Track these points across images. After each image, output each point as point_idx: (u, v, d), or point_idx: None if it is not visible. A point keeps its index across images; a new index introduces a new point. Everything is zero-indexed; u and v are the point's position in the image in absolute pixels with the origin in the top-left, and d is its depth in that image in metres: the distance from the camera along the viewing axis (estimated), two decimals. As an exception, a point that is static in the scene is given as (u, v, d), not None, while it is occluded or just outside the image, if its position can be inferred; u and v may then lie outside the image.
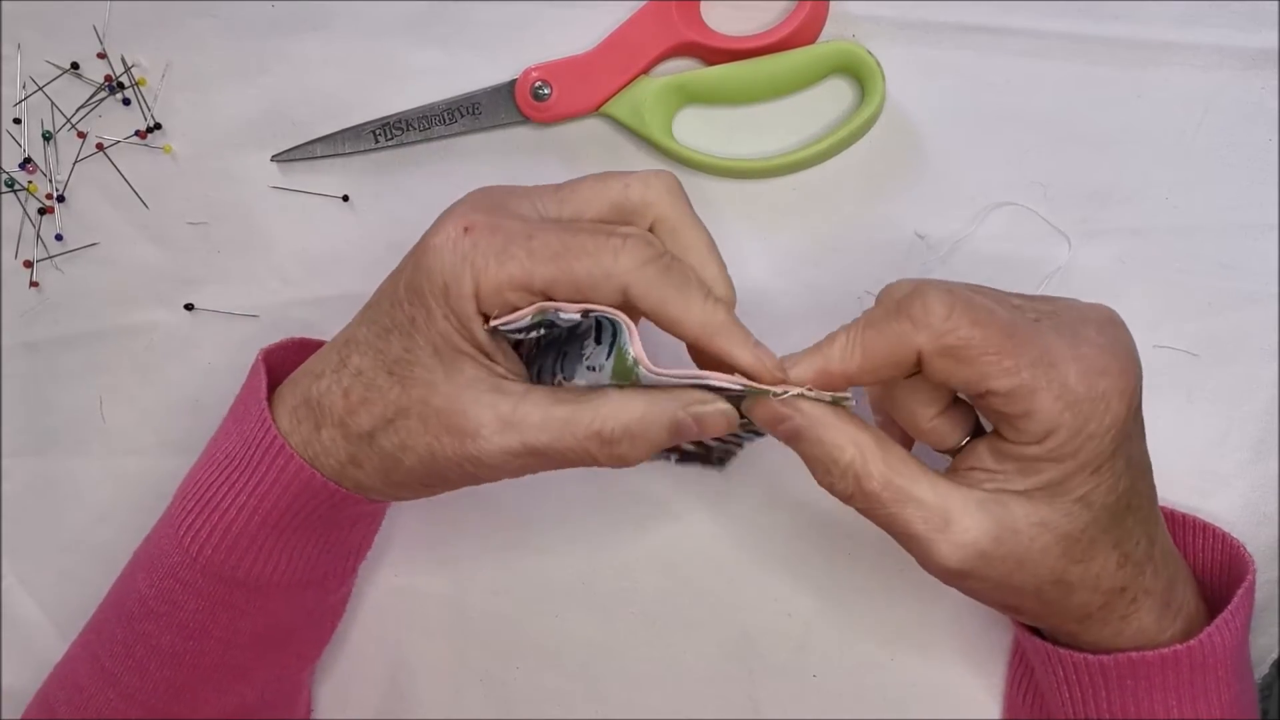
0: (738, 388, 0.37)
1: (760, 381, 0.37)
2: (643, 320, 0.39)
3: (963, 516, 0.37)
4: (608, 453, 0.38)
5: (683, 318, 0.37)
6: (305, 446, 0.42)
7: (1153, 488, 0.40)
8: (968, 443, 0.41)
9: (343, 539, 0.47)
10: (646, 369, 0.37)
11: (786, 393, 0.37)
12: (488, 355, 0.39)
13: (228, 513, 0.43)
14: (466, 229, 0.38)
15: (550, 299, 0.38)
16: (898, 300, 0.37)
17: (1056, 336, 0.37)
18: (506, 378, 0.39)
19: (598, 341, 0.39)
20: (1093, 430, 0.36)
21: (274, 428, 0.42)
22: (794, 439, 0.38)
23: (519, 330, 0.39)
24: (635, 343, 0.37)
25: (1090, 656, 0.40)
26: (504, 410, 0.38)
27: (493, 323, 0.38)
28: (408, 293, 0.39)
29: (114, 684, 0.46)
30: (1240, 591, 0.41)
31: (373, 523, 0.49)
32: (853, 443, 0.37)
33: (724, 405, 0.38)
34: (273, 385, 0.44)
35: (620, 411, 0.38)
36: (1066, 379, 0.36)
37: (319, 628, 0.51)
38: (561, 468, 0.39)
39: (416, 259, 0.39)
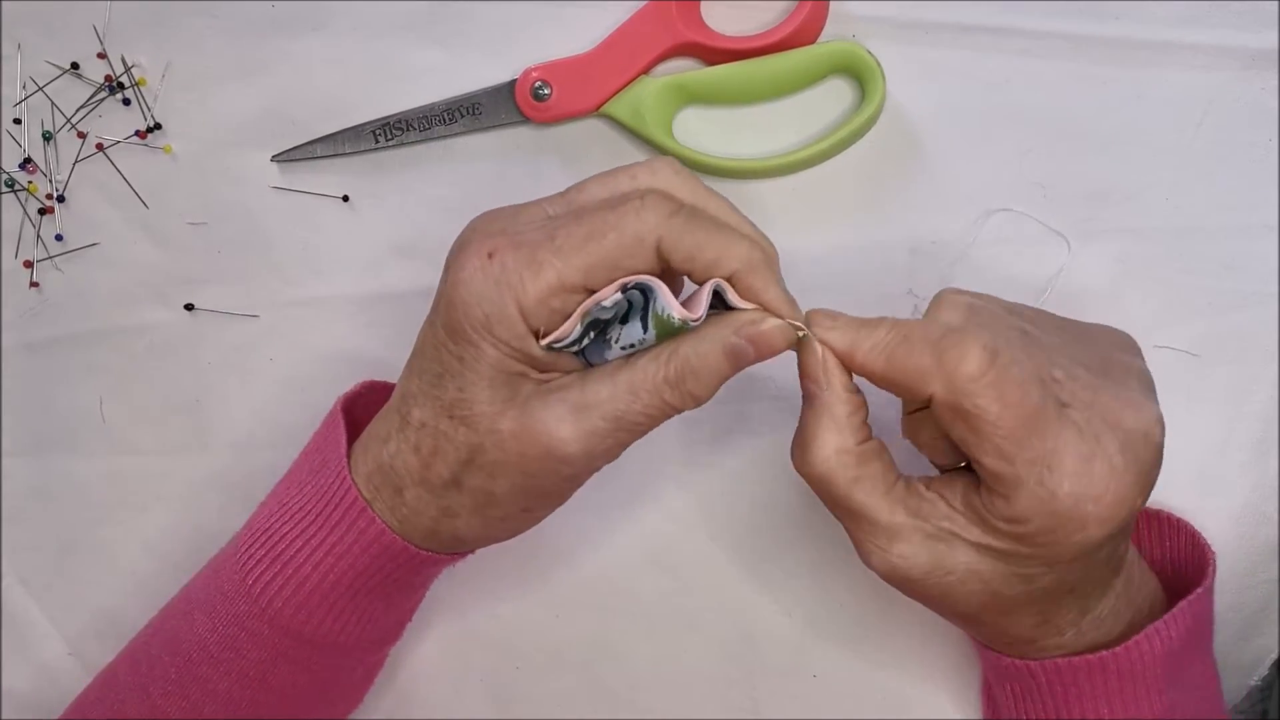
0: (747, 306, 0.37)
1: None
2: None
3: (903, 545, 0.37)
4: (679, 394, 0.38)
5: (722, 255, 0.37)
6: (392, 512, 0.41)
7: (1115, 568, 0.40)
8: (953, 469, 0.40)
9: (408, 601, 0.47)
10: (691, 320, 0.37)
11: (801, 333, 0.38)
12: (545, 368, 0.39)
13: (302, 567, 0.42)
14: (490, 254, 0.37)
15: (591, 291, 0.37)
16: (939, 337, 0.36)
17: (1075, 438, 0.35)
18: (562, 376, 0.39)
19: (623, 322, 0.39)
20: (1059, 539, 0.36)
21: (354, 487, 0.41)
22: (804, 398, 0.38)
23: (573, 343, 0.38)
24: (673, 303, 0.37)
25: (1018, 662, 0.41)
26: (573, 398, 0.38)
27: (545, 341, 0.38)
28: (449, 334, 0.38)
29: None
30: (1184, 602, 0.41)
31: (431, 583, 0.49)
32: (836, 446, 0.38)
33: (777, 321, 0.37)
34: (349, 428, 0.44)
35: (676, 351, 0.37)
36: (1057, 489, 0.35)
37: (365, 683, 0.51)
38: (646, 432, 0.39)
39: (448, 297, 0.38)
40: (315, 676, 0.45)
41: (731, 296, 0.37)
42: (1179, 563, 0.45)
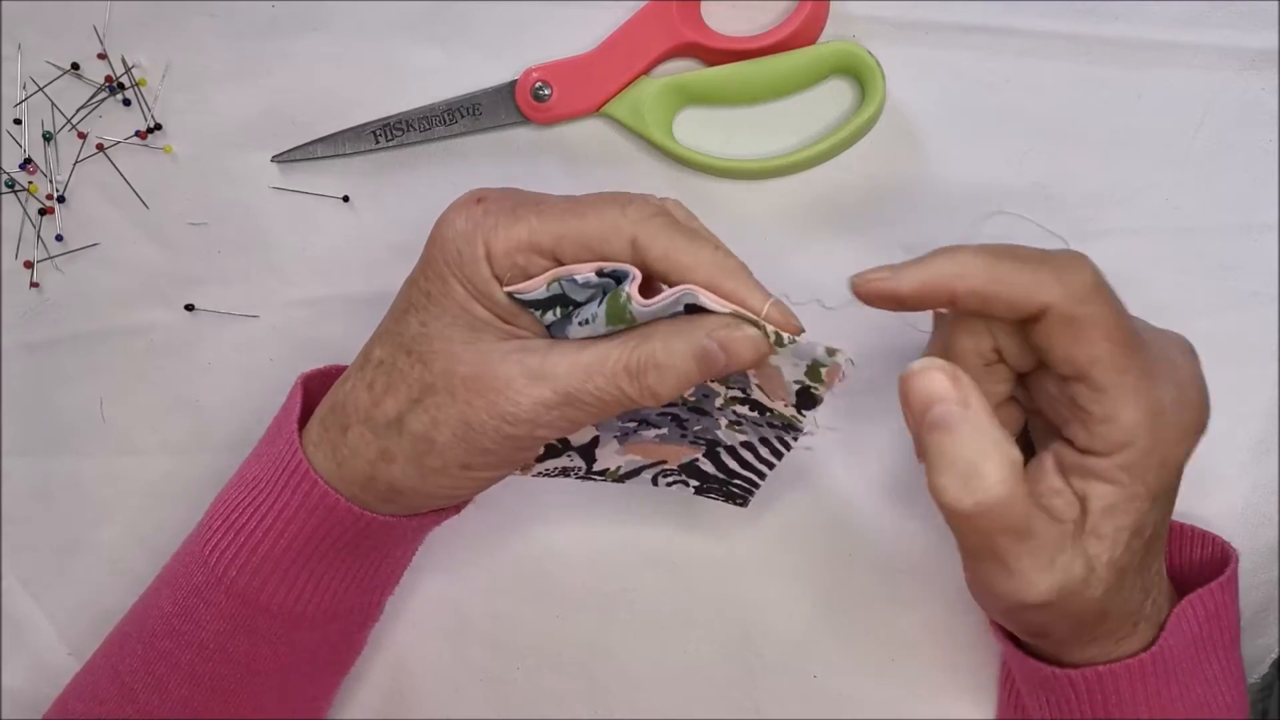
0: (725, 310, 0.37)
1: (781, 329, 0.37)
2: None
3: (1061, 554, 0.35)
4: (638, 387, 0.37)
5: (695, 262, 0.37)
6: (334, 452, 0.41)
7: (1163, 540, 0.40)
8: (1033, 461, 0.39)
9: (371, 572, 0.46)
10: (638, 303, 0.37)
11: (779, 334, 0.36)
12: (508, 320, 0.39)
13: (254, 535, 0.42)
14: (479, 200, 0.39)
15: (560, 262, 0.38)
16: (1045, 253, 0.36)
17: (1158, 351, 0.37)
18: (529, 338, 0.40)
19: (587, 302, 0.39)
20: (1164, 457, 0.36)
21: (300, 451, 0.42)
22: (939, 427, 0.34)
23: (535, 304, 0.39)
24: (634, 285, 0.37)
25: (1059, 670, 0.41)
26: (532, 364, 0.38)
27: (507, 289, 0.38)
28: (423, 268, 0.40)
29: (132, 699, 0.45)
30: (1198, 594, 0.41)
31: (402, 557, 0.49)
32: (1009, 462, 0.34)
33: (752, 331, 0.36)
34: (311, 409, 0.44)
35: (644, 342, 0.37)
36: (1162, 399, 0.36)
37: (341, 663, 0.51)
38: (599, 417, 0.39)
39: (431, 234, 0.40)
40: (277, 649, 0.45)
41: (706, 300, 0.37)
42: (1196, 570, 0.45)
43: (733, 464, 0.46)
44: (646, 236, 0.37)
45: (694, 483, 0.48)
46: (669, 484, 0.48)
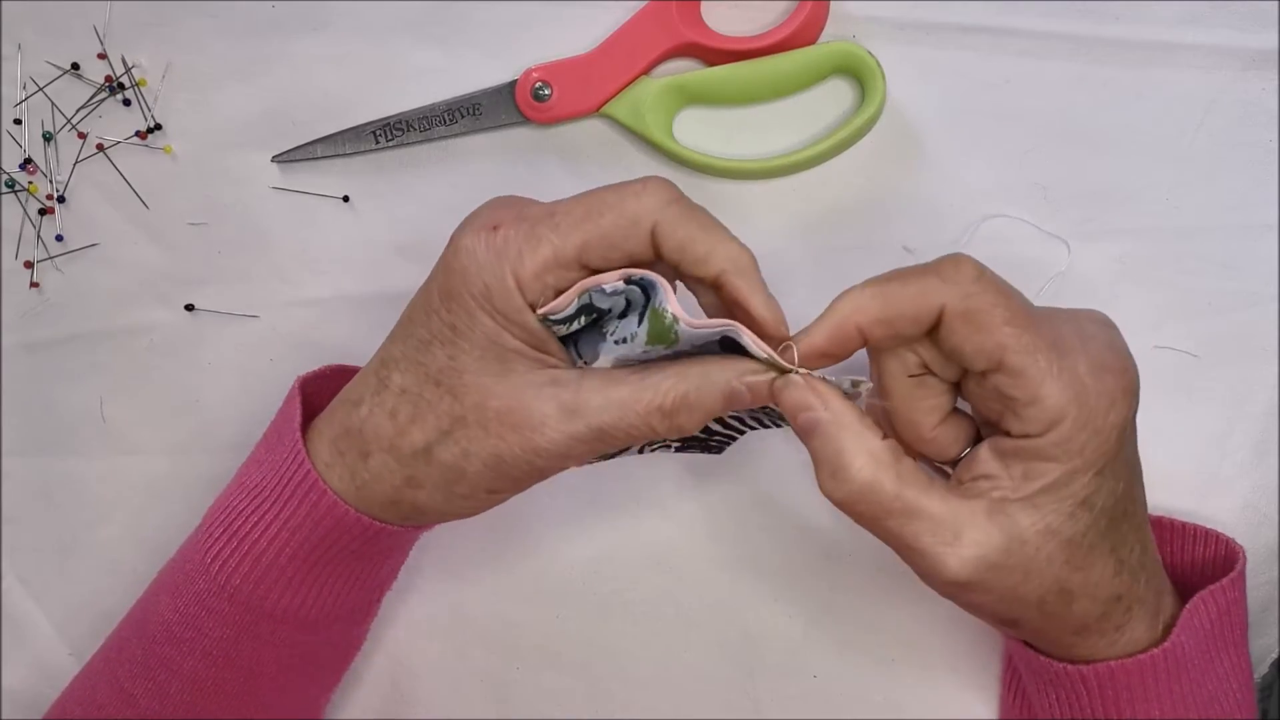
0: (762, 355, 0.38)
1: (763, 333, 0.38)
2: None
3: (971, 529, 0.36)
4: (668, 424, 0.38)
5: (711, 253, 0.38)
6: (352, 476, 0.41)
7: (1144, 493, 0.40)
8: (968, 453, 0.40)
9: (372, 573, 0.46)
10: (686, 323, 0.37)
11: (807, 372, 0.38)
12: (539, 347, 0.39)
13: (257, 543, 0.42)
14: (495, 227, 0.39)
15: (587, 268, 0.38)
16: (927, 264, 0.38)
17: (1067, 328, 0.37)
18: (558, 366, 0.40)
19: (622, 317, 0.39)
20: (1098, 426, 0.36)
21: (307, 460, 0.42)
22: (809, 431, 0.37)
23: (565, 320, 0.39)
24: (672, 300, 0.38)
25: (1070, 667, 0.40)
26: (565, 399, 0.38)
27: (540, 311, 0.38)
28: (444, 300, 0.39)
29: (132, 704, 0.45)
30: (1208, 591, 0.41)
31: (401, 556, 0.49)
32: (867, 451, 0.36)
33: (779, 377, 0.38)
34: (310, 413, 0.44)
35: (678, 385, 0.38)
36: (1077, 368, 0.36)
37: (342, 660, 0.51)
38: (625, 446, 0.40)
39: (447, 263, 0.39)
40: (281, 653, 0.45)
41: (747, 341, 0.37)
42: (1200, 569, 0.45)
43: (715, 425, 0.46)
44: (666, 226, 0.38)
45: (675, 443, 0.48)
46: (653, 450, 0.48)
